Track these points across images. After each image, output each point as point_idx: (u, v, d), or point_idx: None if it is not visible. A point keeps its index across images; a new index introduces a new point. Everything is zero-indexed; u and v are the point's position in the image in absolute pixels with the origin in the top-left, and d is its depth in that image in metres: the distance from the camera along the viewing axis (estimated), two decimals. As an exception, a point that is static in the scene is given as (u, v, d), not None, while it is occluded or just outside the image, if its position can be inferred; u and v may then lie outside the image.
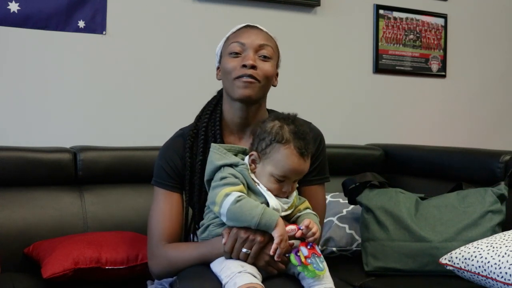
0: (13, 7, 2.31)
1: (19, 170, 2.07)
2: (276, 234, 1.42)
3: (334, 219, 2.29)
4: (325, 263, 1.48)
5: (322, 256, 1.48)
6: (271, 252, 1.43)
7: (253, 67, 1.56)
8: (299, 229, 1.46)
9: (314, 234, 1.47)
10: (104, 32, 2.47)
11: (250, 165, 1.53)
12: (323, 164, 1.72)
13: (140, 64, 2.56)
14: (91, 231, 2.05)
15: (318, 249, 1.49)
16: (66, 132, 2.41)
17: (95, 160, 2.18)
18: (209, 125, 1.67)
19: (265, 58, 1.60)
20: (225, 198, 1.44)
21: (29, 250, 1.92)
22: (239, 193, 1.44)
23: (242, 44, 1.60)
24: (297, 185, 1.59)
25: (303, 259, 1.42)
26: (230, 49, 1.61)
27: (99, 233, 1.98)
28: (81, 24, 2.42)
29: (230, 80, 1.59)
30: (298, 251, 1.44)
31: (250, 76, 1.56)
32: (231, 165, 1.52)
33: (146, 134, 2.52)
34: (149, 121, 2.56)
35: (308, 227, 1.47)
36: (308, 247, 1.45)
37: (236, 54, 1.59)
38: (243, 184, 1.49)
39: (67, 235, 1.96)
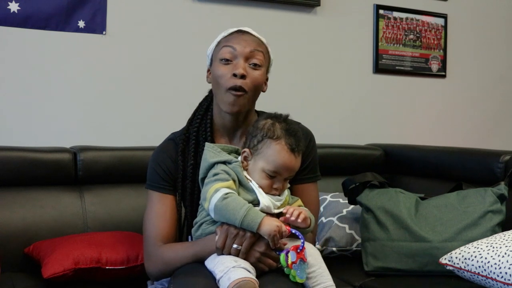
0: (13, 7, 2.31)
1: (19, 170, 2.07)
2: (265, 234, 1.43)
3: (334, 219, 2.29)
4: (308, 270, 1.48)
5: (307, 262, 1.48)
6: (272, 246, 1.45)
7: (243, 76, 1.57)
8: (290, 231, 1.47)
9: (301, 218, 1.49)
10: (104, 32, 2.47)
11: (242, 162, 1.56)
12: (314, 163, 1.73)
13: (140, 64, 2.56)
14: (91, 231, 2.05)
15: (306, 254, 1.48)
16: (66, 132, 2.41)
17: (95, 160, 2.18)
18: (200, 129, 1.69)
19: (256, 66, 1.61)
20: (213, 194, 1.46)
21: (29, 250, 1.92)
22: (227, 190, 1.46)
23: (233, 49, 1.60)
24: (289, 185, 1.61)
25: (289, 263, 1.44)
26: (221, 54, 1.61)
27: (99, 233, 1.98)
28: (81, 24, 2.42)
29: (221, 90, 1.60)
30: (288, 252, 1.45)
31: (240, 88, 1.57)
32: (224, 162, 1.54)
33: (146, 134, 2.52)
34: (149, 121, 2.56)
35: (291, 214, 1.48)
36: (299, 250, 1.45)
37: (227, 61, 1.60)
38: (235, 180, 1.51)
39: (67, 235, 1.96)
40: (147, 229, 1.64)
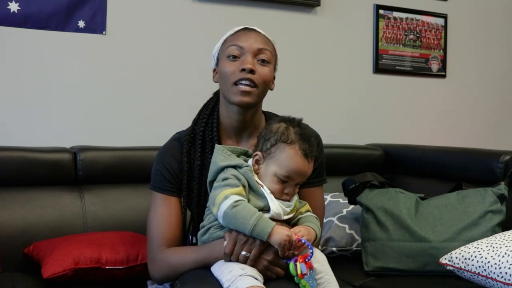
0: (13, 7, 2.31)
1: (19, 170, 2.06)
2: (275, 243, 1.42)
3: (334, 219, 2.29)
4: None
5: (314, 269, 1.48)
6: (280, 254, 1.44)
7: (252, 71, 1.56)
8: (299, 240, 1.46)
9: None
10: (104, 32, 2.47)
11: (253, 166, 1.53)
12: (322, 166, 1.72)
13: (140, 64, 2.56)
14: (91, 231, 2.05)
15: (312, 261, 1.48)
16: (66, 132, 2.41)
17: (95, 160, 2.18)
18: (206, 129, 1.67)
19: (264, 63, 1.60)
20: (223, 201, 1.44)
21: (29, 250, 1.92)
22: (238, 197, 1.44)
23: (241, 48, 1.59)
24: (297, 190, 1.60)
25: (299, 273, 1.43)
26: (228, 52, 1.60)
27: (99, 233, 1.98)
28: (81, 24, 2.42)
29: (229, 85, 1.59)
30: (297, 261, 1.44)
31: (249, 80, 1.56)
32: (234, 167, 1.51)
33: (146, 134, 2.52)
34: (149, 121, 2.56)
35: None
36: (307, 260, 1.44)
37: (235, 58, 1.59)
38: (245, 186, 1.48)
39: (67, 235, 1.96)
40: (151, 231, 1.62)
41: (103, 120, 2.49)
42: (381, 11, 3.11)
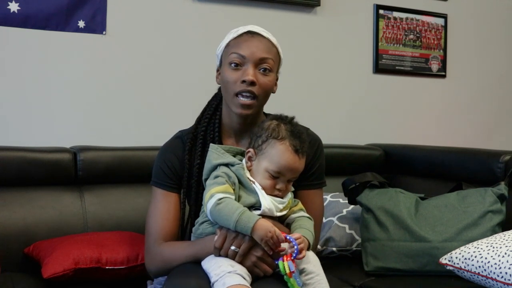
0: (13, 7, 2.31)
1: (19, 170, 2.07)
2: (258, 238, 1.41)
3: (334, 219, 2.29)
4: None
5: (298, 268, 1.47)
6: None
7: (253, 83, 1.56)
8: (285, 237, 1.44)
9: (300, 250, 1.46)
10: (104, 32, 2.47)
11: (246, 163, 1.55)
12: (321, 169, 1.73)
13: (140, 64, 2.56)
14: (91, 231, 2.05)
15: (303, 262, 1.48)
16: (66, 132, 2.41)
17: (95, 160, 2.18)
18: (208, 128, 1.69)
19: (265, 72, 1.60)
20: (209, 200, 1.46)
21: (29, 250, 1.92)
22: (221, 195, 1.45)
23: (242, 57, 1.58)
24: (293, 189, 1.60)
25: (288, 272, 1.42)
26: (230, 59, 1.60)
27: (99, 233, 1.98)
28: (81, 24, 2.42)
29: (230, 94, 1.60)
30: (284, 259, 1.44)
31: (249, 92, 1.57)
32: (226, 165, 1.54)
33: (146, 134, 2.52)
34: (149, 121, 2.56)
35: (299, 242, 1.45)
36: (292, 258, 1.43)
37: (236, 66, 1.59)
38: (234, 183, 1.50)
39: (67, 235, 1.96)
40: (150, 226, 1.65)
41: (103, 120, 2.49)
42: (381, 11, 3.11)
